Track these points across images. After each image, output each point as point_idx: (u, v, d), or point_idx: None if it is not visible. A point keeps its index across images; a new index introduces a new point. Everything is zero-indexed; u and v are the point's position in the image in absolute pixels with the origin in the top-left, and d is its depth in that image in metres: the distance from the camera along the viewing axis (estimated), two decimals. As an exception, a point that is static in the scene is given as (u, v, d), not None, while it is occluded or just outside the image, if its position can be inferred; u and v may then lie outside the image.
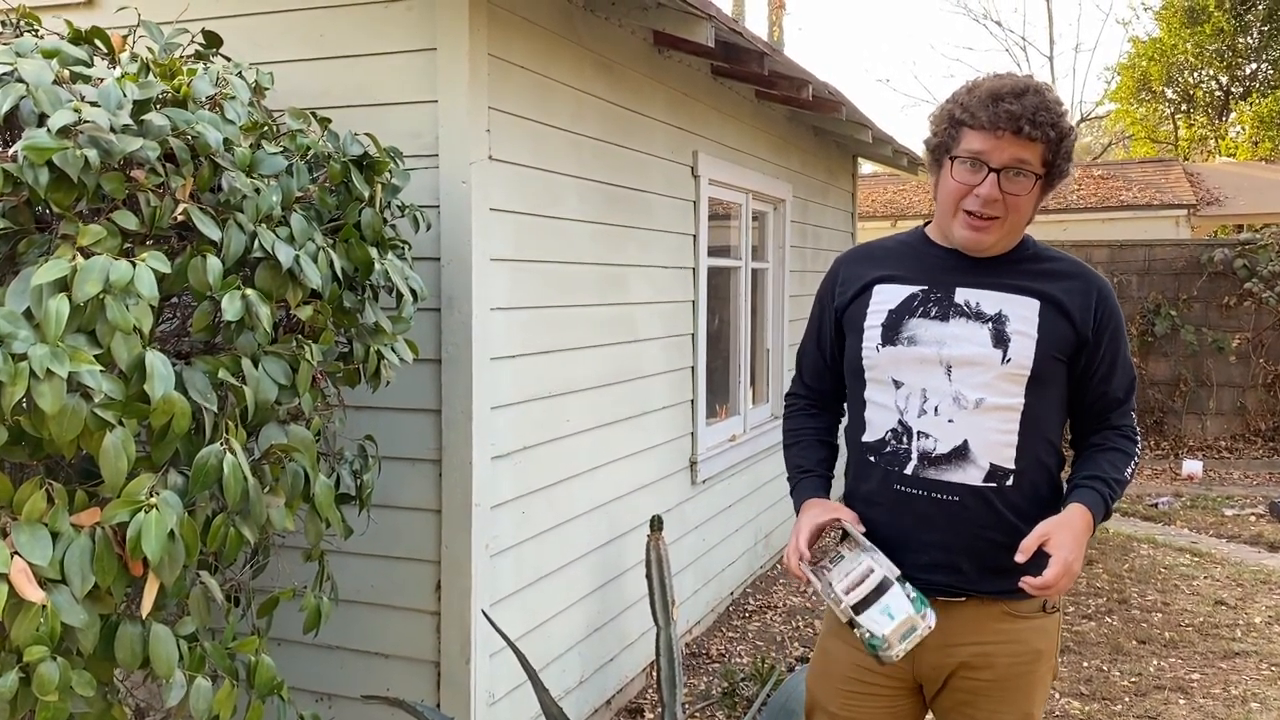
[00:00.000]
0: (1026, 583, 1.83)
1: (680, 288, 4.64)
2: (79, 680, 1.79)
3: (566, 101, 3.55)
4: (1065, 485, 2.04)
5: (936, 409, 1.98)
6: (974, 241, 1.98)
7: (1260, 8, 21.32)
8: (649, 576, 3.73)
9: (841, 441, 2.24)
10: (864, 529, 2.03)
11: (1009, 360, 1.95)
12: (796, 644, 4.90)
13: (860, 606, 1.91)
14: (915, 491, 1.99)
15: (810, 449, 2.24)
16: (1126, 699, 4.26)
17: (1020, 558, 1.86)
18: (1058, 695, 4.27)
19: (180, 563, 1.87)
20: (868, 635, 1.89)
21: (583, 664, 3.80)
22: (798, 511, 2.14)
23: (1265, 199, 15.60)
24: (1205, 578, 6.03)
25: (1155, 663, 4.65)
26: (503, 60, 3.11)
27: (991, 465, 1.96)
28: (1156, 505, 7.97)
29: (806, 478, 2.20)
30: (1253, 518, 7.55)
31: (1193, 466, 9.18)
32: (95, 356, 1.76)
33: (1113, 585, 5.84)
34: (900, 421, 2.02)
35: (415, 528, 3.05)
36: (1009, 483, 1.96)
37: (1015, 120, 1.88)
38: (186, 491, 1.92)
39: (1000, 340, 1.96)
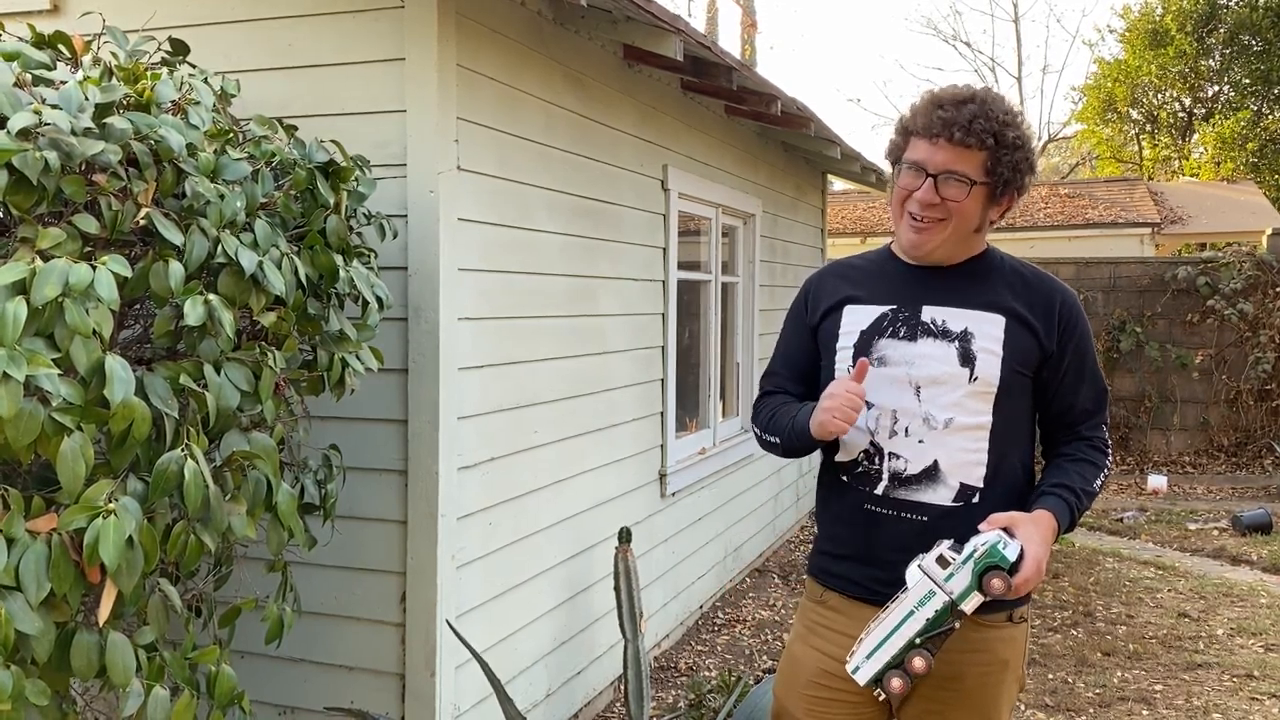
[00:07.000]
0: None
1: (650, 300, 4.65)
2: (33, 689, 1.75)
3: (536, 113, 3.55)
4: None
5: (907, 430, 2.00)
6: (914, 244, 2.01)
7: (1221, 31, 21.71)
8: (617, 589, 3.72)
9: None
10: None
11: (976, 379, 1.97)
12: (765, 657, 4.90)
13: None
14: (885, 511, 2.01)
15: (800, 406, 2.11)
16: (1091, 710, 4.29)
17: (984, 527, 1.86)
18: (1024, 707, 4.29)
19: (139, 570, 1.84)
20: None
21: (550, 677, 3.78)
22: (808, 417, 2.03)
23: (1227, 218, 15.87)
24: (1169, 590, 6.08)
25: (1119, 674, 4.69)
26: (472, 71, 3.12)
27: (961, 485, 1.98)
28: (1122, 519, 8.04)
29: (806, 405, 2.07)
30: (1215, 531, 7.64)
31: (1157, 481, 9.28)
32: (54, 360, 1.74)
33: (1078, 598, 5.88)
34: (872, 442, 2.03)
35: (380, 539, 3.03)
36: (975, 500, 1.97)
37: (949, 127, 1.92)
38: (146, 498, 1.90)
39: (967, 359, 1.98)
